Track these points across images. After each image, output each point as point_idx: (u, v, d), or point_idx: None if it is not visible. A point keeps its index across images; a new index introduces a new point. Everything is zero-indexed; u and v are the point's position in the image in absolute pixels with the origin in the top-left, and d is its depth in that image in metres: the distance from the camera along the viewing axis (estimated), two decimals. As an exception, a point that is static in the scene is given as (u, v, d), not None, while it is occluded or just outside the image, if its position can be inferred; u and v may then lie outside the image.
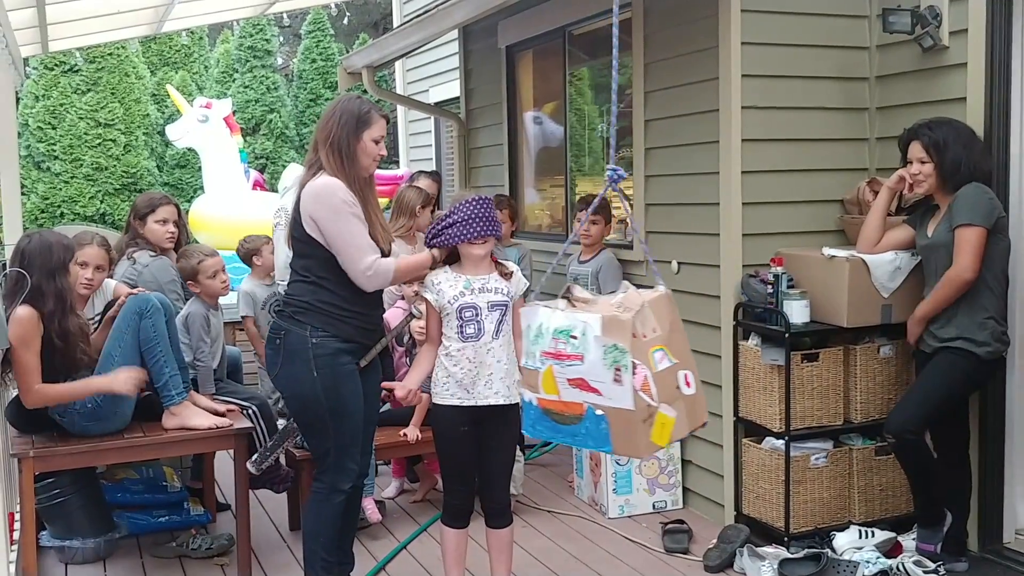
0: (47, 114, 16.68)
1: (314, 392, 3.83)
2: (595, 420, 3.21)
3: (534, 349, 3.35)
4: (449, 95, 10.64)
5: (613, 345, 3.16)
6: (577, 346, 3.22)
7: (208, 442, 4.69)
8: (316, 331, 3.81)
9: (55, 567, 4.82)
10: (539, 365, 3.31)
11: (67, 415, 4.38)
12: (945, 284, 4.21)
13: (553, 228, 7.07)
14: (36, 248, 4.36)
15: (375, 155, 3.89)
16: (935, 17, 4.58)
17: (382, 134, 3.91)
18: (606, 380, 3.17)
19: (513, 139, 7.38)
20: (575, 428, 3.25)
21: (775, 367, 4.62)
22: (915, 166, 4.34)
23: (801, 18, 4.91)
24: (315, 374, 3.81)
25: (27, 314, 4.25)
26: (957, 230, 4.17)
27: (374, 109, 3.92)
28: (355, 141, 3.85)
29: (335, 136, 3.85)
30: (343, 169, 3.83)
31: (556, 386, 3.27)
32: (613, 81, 3.53)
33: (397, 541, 5.04)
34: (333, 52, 18.73)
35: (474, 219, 3.81)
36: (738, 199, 4.85)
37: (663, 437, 3.23)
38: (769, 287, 4.67)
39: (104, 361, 4.42)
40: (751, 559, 4.44)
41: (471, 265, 3.89)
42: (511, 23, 7.04)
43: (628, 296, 3.36)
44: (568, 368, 3.24)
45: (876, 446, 4.77)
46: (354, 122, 3.86)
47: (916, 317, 4.36)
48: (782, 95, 4.90)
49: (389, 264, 3.83)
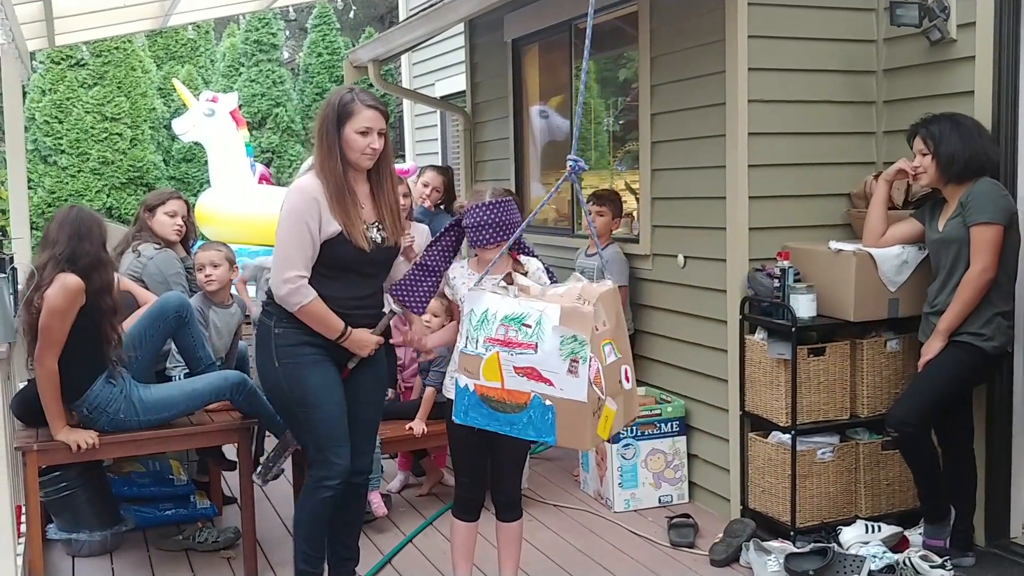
0: (54, 108, 16.70)
1: (277, 382, 3.83)
2: (541, 410, 3.17)
3: (477, 335, 3.31)
4: (455, 89, 10.64)
5: (572, 336, 3.14)
6: (530, 335, 3.19)
7: (213, 436, 4.69)
8: (280, 321, 3.78)
9: (62, 560, 4.83)
10: (482, 351, 3.28)
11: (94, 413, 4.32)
12: (967, 287, 4.16)
13: (559, 222, 7.06)
14: (89, 218, 4.35)
15: (363, 148, 3.76)
16: (943, 10, 4.56)
17: (369, 126, 3.75)
18: (560, 371, 3.14)
19: (519, 133, 7.37)
20: (515, 417, 3.22)
21: (781, 361, 4.61)
22: (917, 159, 4.36)
23: (808, 11, 4.89)
24: (276, 364, 3.80)
25: (77, 283, 4.17)
26: (974, 228, 4.14)
27: (360, 99, 3.77)
28: (337, 135, 3.76)
29: (322, 130, 3.79)
30: (327, 166, 3.75)
31: (501, 373, 3.24)
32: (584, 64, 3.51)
33: (403, 535, 5.04)
34: (339, 46, 18.74)
35: (484, 225, 3.77)
36: (744, 193, 4.84)
37: (606, 430, 3.23)
38: (776, 281, 4.66)
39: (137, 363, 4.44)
40: (757, 553, 4.44)
41: (484, 263, 3.86)
42: (517, 17, 7.03)
43: (584, 288, 3.33)
44: (518, 356, 3.21)
45: (882, 440, 4.76)
46: (335, 115, 3.77)
47: (942, 330, 4.24)
48: (789, 88, 4.89)
49: (307, 296, 3.71)
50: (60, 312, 4.14)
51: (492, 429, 3.31)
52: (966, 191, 4.22)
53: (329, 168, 3.76)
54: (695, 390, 5.35)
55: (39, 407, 4.39)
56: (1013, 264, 4.26)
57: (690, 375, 5.38)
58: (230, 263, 5.09)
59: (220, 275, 5.03)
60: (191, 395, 4.49)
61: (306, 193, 3.72)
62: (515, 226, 3.80)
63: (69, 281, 4.16)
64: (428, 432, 5.17)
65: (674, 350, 5.51)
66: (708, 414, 5.26)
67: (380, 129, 3.80)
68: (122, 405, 4.33)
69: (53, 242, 4.27)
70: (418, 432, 5.16)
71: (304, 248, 3.69)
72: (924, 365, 4.29)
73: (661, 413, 5.34)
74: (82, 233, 4.27)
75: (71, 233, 4.26)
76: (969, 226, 4.16)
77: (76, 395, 4.30)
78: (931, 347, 4.28)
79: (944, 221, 4.33)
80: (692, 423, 5.40)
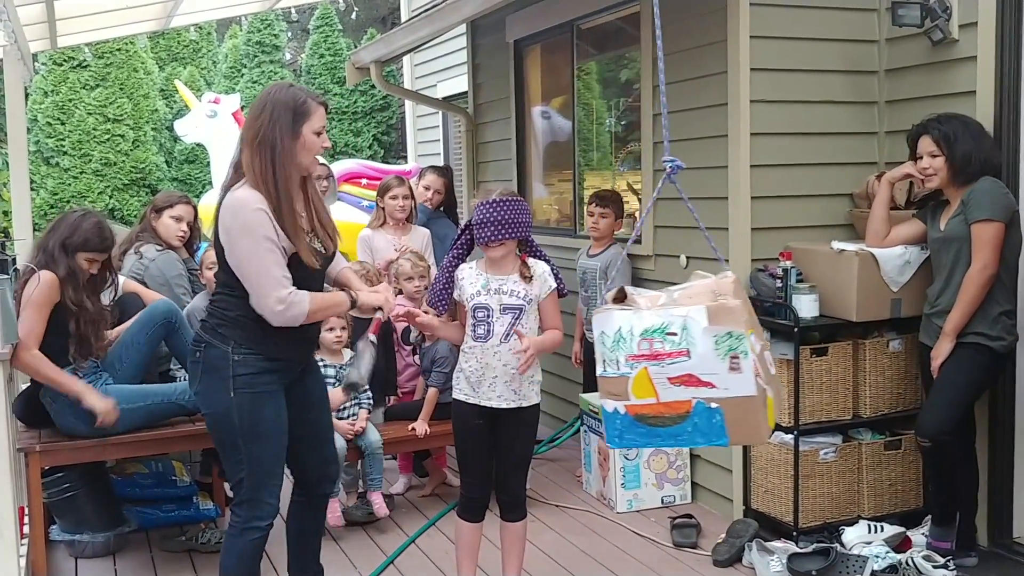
0: (56, 109, 16.73)
1: (228, 413, 3.51)
2: (707, 414, 3.06)
3: (615, 355, 3.13)
4: (457, 90, 10.65)
5: (727, 333, 3.04)
6: (678, 342, 3.06)
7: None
8: (239, 348, 3.49)
9: (65, 561, 4.83)
10: (627, 371, 3.11)
11: (58, 402, 4.36)
12: (970, 285, 4.15)
13: (561, 223, 7.06)
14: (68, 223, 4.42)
15: (318, 149, 3.51)
16: (944, 10, 4.56)
17: (323, 124, 3.52)
18: (720, 371, 3.04)
19: (521, 134, 7.37)
20: (678, 428, 3.09)
21: (784, 361, 4.61)
22: (925, 160, 4.32)
23: (810, 11, 4.89)
24: (231, 393, 3.49)
25: (52, 279, 4.27)
26: (975, 226, 4.14)
27: (311, 97, 3.50)
28: (293, 138, 3.44)
29: (265, 134, 3.42)
30: (269, 174, 3.40)
31: (654, 388, 3.09)
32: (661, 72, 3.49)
33: (406, 535, 5.04)
34: (341, 47, 18.76)
35: (487, 223, 3.77)
36: (747, 193, 4.84)
37: (771, 419, 3.15)
38: (778, 281, 4.67)
39: (109, 361, 4.42)
40: (760, 553, 4.44)
41: (492, 264, 3.87)
42: (519, 17, 7.03)
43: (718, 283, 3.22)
44: (670, 367, 3.07)
45: (885, 441, 4.76)
46: (290, 116, 3.43)
47: (949, 331, 4.22)
48: (791, 89, 4.89)
49: (303, 302, 3.44)
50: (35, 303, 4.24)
51: (656, 445, 3.21)
52: (968, 190, 4.22)
53: (279, 177, 3.41)
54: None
55: (41, 408, 4.41)
56: (1015, 263, 4.26)
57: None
58: None
59: None
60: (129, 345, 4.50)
61: (253, 208, 3.37)
62: (522, 226, 3.80)
63: (44, 276, 4.26)
64: (431, 433, 5.18)
65: (676, 350, 5.49)
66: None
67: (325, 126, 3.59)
68: None
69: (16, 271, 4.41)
70: (421, 433, 5.17)
71: (279, 263, 3.41)
72: (939, 368, 4.26)
73: (664, 413, 5.33)
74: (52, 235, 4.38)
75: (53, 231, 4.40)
76: (970, 223, 4.16)
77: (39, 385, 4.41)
78: (941, 349, 4.26)
79: (946, 220, 4.32)
80: (695, 423, 5.39)
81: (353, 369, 3.74)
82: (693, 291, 3.24)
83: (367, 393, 5.12)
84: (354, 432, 5.02)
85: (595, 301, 5.65)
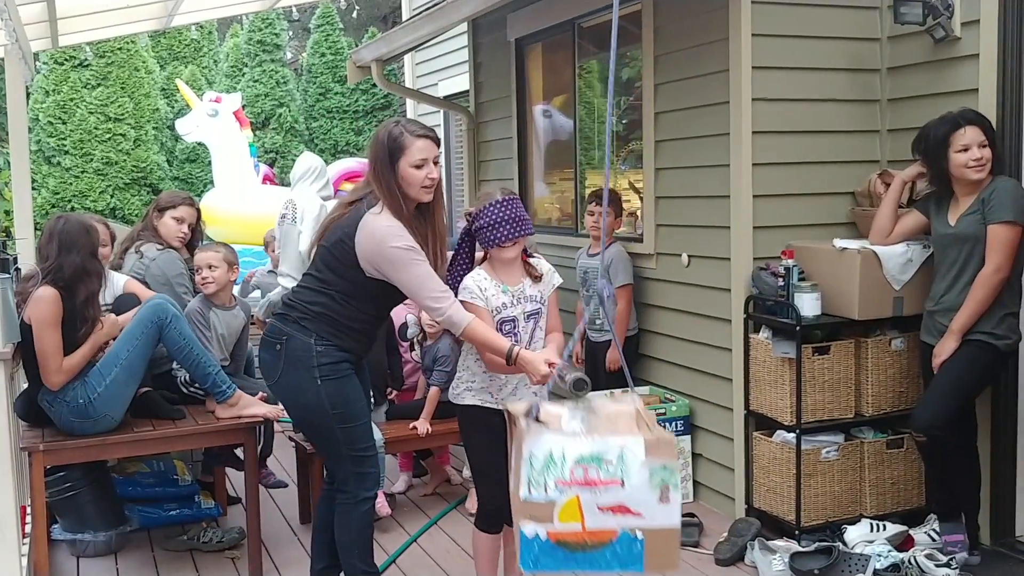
0: (57, 109, 16.72)
1: (318, 401, 3.72)
2: (629, 543, 3.03)
3: (543, 478, 3.03)
4: (458, 88, 10.64)
5: (662, 466, 3.02)
6: (612, 471, 3.02)
7: (218, 436, 4.69)
8: (321, 339, 3.69)
9: (67, 560, 4.83)
10: (555, 496, 3.03)
11: (56, 404, 4.35)
12: (982, 286, 4.13)
13: (562, 221, 7.06)
14: (76, 228, 4.39)
15: (420, 182, 3.64)
16: (947, 8, 4.55)
17: (424, 156, 3.63)
18: (651, 502, 3.01)
19: (522, 132, 7.37)
20: (596, 554, 3.04)
21: (786, 360, 4.61)
22: (975, 151, 4.16)
23: (812, 9, 4.89)
24: (319, 382, 3.70)
25: (51, 293, 4.25)
26: (996, 227, 4.10)
27: (408, 131, 3.66)
28: (393, 174, 3.64)
29: (377, 171, 3.68)
30: (395, 204, 3.63)
31: (581, 515, 3.03)
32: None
33: (408, 534, 5.04)
34: (342, 46, 18.75)
35: (502, 222, 3.71)
36: (748, 191, 4.84)
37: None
38: (780, 280, 4.66)
39: (109, 361, 4.41)
40: (762, 552, 4.43)
41: (502, 267, 3.80)
42: (520, 16, 7.03)
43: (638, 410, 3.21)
44: (603, 495, 3.02)
45: (887, 439, 4.75)
46: (386, 154, 3.65)
47: (956, 330, 4.20)
48: (793, 87, 4.89)
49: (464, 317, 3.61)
50: (48, 323, 4.24)
51: (568, 570, 3.10)
52: (987, 187, 4.18)
53: (395, 209, 3.63)
54: (699, 389, 5.35)
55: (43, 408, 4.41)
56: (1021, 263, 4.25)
57: (694, 374, 5.37)
58: (229, 264, 5.04)
59: (218, 277, 4.98)
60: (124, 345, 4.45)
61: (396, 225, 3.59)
62: (527, 222, 3.76)
63: (41, 294, 4.25)
64: (432, 432, 5.17)
65: (678, 349, 5.50)
66: (713, 413, 5.25)
67: (435, 158, 3.69)
68: (80, 393, 4.33)
69: (44, 256, 4.39)
70: (422, 432, 5.16)
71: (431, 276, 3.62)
72: (940, 366, 4.26)
73: (666, 412, 5.33)
74: (67, 245, 4.34)
75: (58, 246, 4.34)
76: (990, 223, 4.12)
77: (38, 386, 4.39)
78: (945, 347, 4.24)
79: (957, 216, 4.28)
80: (697, 422, 5.39)
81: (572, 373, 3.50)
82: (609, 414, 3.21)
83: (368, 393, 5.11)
84: None
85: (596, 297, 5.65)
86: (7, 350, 4.03)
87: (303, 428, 4.02)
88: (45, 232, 4.43)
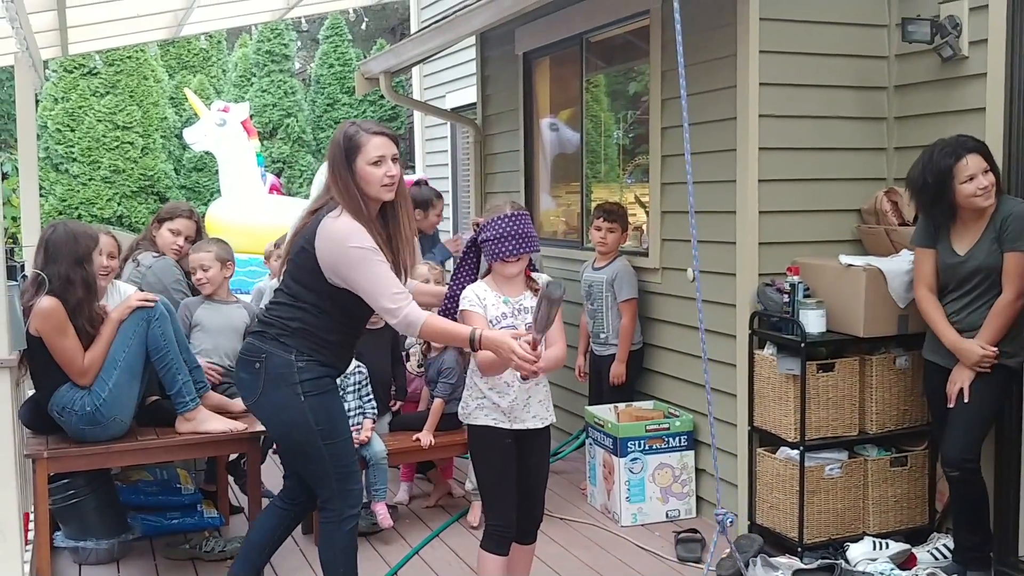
0: (66, 116, 16.79)
1: (303, 417, 3.64)
2: None
3: None
4: (466, 101, 10.66)
5: None
6: None
7: (222, 445, 4.70)
8: (301, 355, 3.62)
9: (69, 568, 4.83)
10: None
11: (66, 415, 4.36)
12: (1002, 315, 4.08)
13: (568, 235, 7.07)
14: (62, 237, 4.39)
15: (380, 180, 3.59)
16: (955, 27, 4.56)
17: (381, 153, 3.58)
18: None
19: (529, 145, 7.38)
20: None
21: (790, 377, 4.60)
22: (981, 179, 4.11)
23: (819, 27, 4.90)
24: (303, 399, 3.62)
25: (51, 304, 4.26)
26: (1015, 254, 4.05)
27: (364, 130, 3.61)
28: (350, 173, 3.58)
29: (335, 172, 3.62)
30: (354, 206, 3.57)
31: None
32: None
33: (409, 546, 5.03)
34: (351, 57, 18.80)
35: (507, 236, 3.66)
36: (755, 207, 4.84)
37: None
38: (785, 296, 4.66)
39: (108, 365, 4.42)
40: (764, 569, 4.42)
41: (504, 281, 3.76)
42: (528, 30, 7.05)
43: None
44: None
45: (891, 457, 4.74)
46: (342, 154, 3.60)
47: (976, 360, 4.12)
48: (800, 104, 4.89)
49: (419, 316, 3.54)
50: (58, 331, 4.27)
51: None
52: (999, 211, 4.14)
53: (354, 210, 3.57)
54: (703, 405, 5.33)
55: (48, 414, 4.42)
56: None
57: (698, 389, 5.37)
58: (222, 262, 5.11)
59: (212, 276, 5.09)
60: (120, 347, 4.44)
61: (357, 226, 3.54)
62: (534, 239, 3.72)
63: (42, 306, 4.26)
64: (436, 444, 5.17)
65: (682, 364, 5.50)
66: (717, 429, 5.24)
67: (393, 155, 3.63)
68: (87, 401, 4.34)
69: (36, 264, 4.41)
70: (425, 444, 5.17)
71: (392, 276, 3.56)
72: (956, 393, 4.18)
73: (669, 427, 5.33)
74: (52, 255, 4.37)
75: (44, 255, 4.38)
76: (1008, 251, 4.07)
77: (47, 397, 4.40)
78: (964, 375, 4.17)
79: (966, 244, 4.22)
80: (700, 438, 5.39)
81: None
82: None
83: (372, 403, 5.12)
84: (359, 442, 5.01)
85: (600, 314, 5.66)
86: (12, 357, 4.04)
87: (285, 447, 3.91)
88: (39, 242, 4.47)
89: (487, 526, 3.85)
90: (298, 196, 16.01)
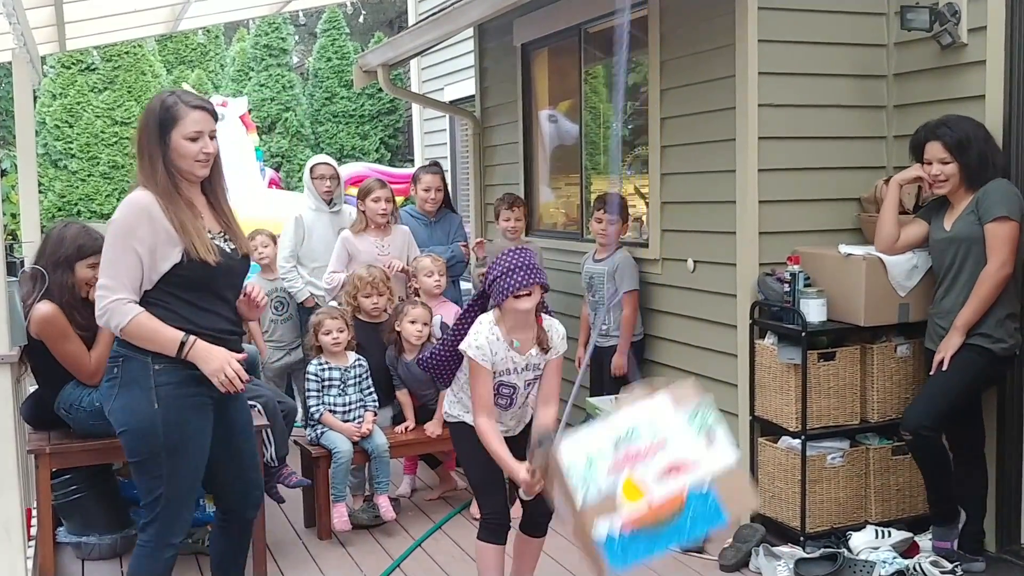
0: (64, 112, 16.78)
1: (152, 426, 3.34)
2: (701, 498, 2.96)
3: (591, 478, 2.99)
4: (464, 93, 10.65)
5: (694, 412, 3.02)
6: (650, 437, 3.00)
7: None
8: (159, 357, 3.33)
9: (72, 563, 4.84)
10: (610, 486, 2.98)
11: (73, 412, 4.37)
12: (986, 283, 4.14)
13: (568, 227, 7.06)
14: (55, 237, 4.41)
15: (195, 155, 3.37)
16: (954, 14, 4.55)
17: (200, 129, 3.37)
18: (699, 448, 2.99)
19: (528, 137, 7.38)
20: (677, 524, 2.96)
21: (791, 366, 4.60)
22: (935, 167, 4.28)
23: (818, 15, 4.89)
24: (155, 405, 3.33)
25: (50, 310, 4.26)
26: (992, 224, 4.12)
27: (184, 102, 3.37)
28: (162, 145, 3.35)
29: (141, 143, 3.39)
30: (153, 180, 3.34)
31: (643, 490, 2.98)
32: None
33: (412, 539, 5.04)
34: (348, 50, 18.79)
35: (515, 269, 3.60)
36: (754, 197, 4.84)
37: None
38: (786, 286, 4.66)
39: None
40: (767, 558, 4.43)
41: (514, 322, 3.69)
42: (526, 21, 7.04)
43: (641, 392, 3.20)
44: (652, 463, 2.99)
45: (893, 446, 4.74)
46: (156, 124, 3.36)
47: (960, 326, 4.20)
48: (799, 93, 4.88)
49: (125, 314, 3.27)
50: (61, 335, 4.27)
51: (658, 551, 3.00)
52: (979, 190, 4.20)
53: (155, 182, 3.34)
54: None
55: (49, 411, 4.42)
56: (1022, 265, 4.25)
57: (700, 380, 5.35)
58: None
59: None
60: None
61: (136, 206, 3.31)
62: (541, 272, 3.66)
63: (41, 312, 4.26)
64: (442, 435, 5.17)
65: (684, 354, 5.50)
66: (718, 419, 5.24)
67: (211, 131, 3.43)
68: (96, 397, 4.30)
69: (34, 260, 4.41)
70: (432, 433, 5.18)
71: (130, 270, 3.28)
72: (938, 364, 4.25)
73: (670, 418, 5.32)
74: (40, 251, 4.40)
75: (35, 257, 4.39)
76: (985, 223, 4.14)
77: (54, 396, 4.40)
78: (949, 344, 4.23)
79: (951, 221, 4.31)
80: (702, 428, 5.38)
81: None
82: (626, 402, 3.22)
83: (372, 396, 5.12)
84: (360, 435, 5.02)
85: (602, 306, 5.65)
86: (13, 353, 4.04)
87: (129, 456, 3.46)
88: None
89: (482, 517, 3.95)
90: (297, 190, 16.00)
